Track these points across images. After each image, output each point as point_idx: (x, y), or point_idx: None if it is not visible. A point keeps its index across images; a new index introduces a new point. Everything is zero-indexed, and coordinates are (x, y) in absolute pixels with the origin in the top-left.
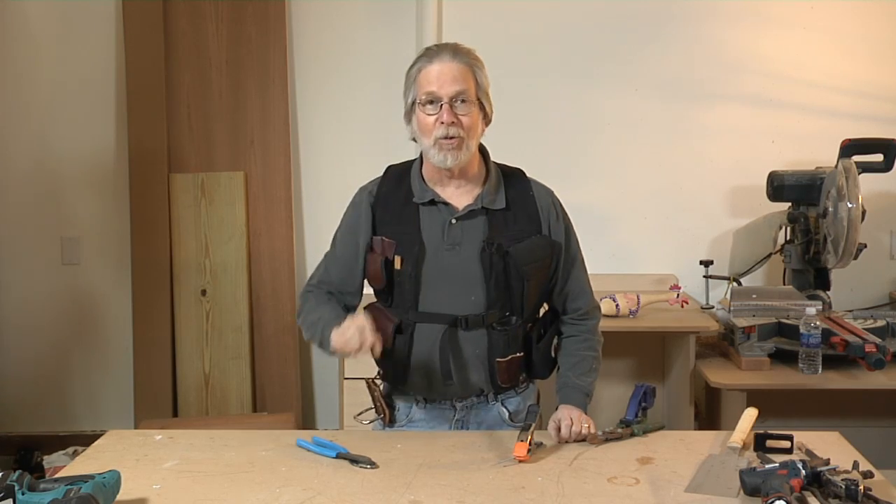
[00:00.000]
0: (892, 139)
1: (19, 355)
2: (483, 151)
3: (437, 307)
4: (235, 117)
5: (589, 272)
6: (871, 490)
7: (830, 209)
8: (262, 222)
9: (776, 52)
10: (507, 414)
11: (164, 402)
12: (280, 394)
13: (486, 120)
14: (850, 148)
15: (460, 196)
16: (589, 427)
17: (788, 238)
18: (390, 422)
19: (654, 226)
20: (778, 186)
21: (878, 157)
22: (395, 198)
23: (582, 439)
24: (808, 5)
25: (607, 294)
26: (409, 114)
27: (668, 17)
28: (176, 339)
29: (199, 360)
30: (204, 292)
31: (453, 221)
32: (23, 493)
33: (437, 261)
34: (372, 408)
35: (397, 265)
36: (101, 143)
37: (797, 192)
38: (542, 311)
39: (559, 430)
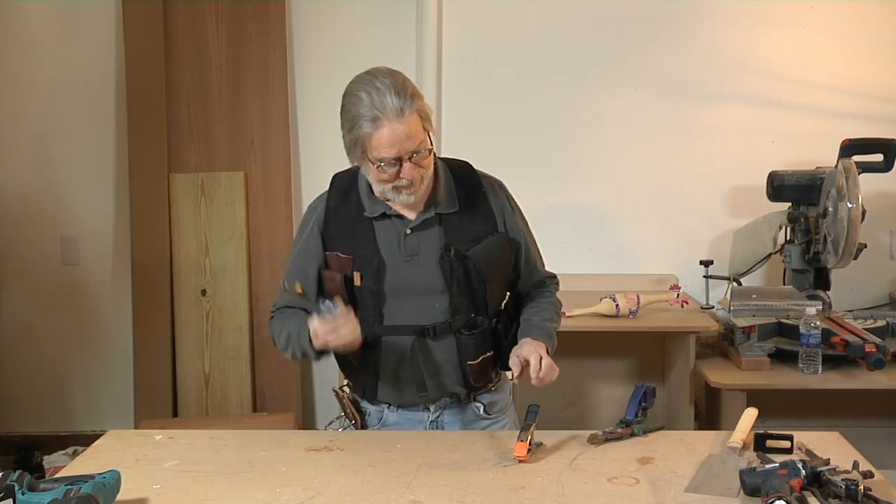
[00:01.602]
0: (892, 139)
1: (19, 355)
2: None
3: (403, 319)
4: (235, 117)
5: (589, 272)
6: (871, 490)
7: (830, 209)
8: (262, 222)
9: (776, 52)
10: (481, 408)
11: (164, 402)
12: (280, 394)
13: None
14: (850, 148)
15: (412, 204)
16: (552, 369)
17: (788, 238)
18: (362, 428)
19: (654, 226)
20: (778, 186)
21: (878, 157)
22: (345, 211)
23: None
24: (808, 5)
25: (607, 294)
26: (361, 160)
27: (668, 17)
28: (176, 339)
29: (199, 360)
30: (204, 292)
31: (408, 232)
32: (23, 493)
33: (396, 273)
34: (342, 415)
35: (357, 282)
36: (102, 142)
37: (797, 192)
38: (503, 303)
39: (526, 365)
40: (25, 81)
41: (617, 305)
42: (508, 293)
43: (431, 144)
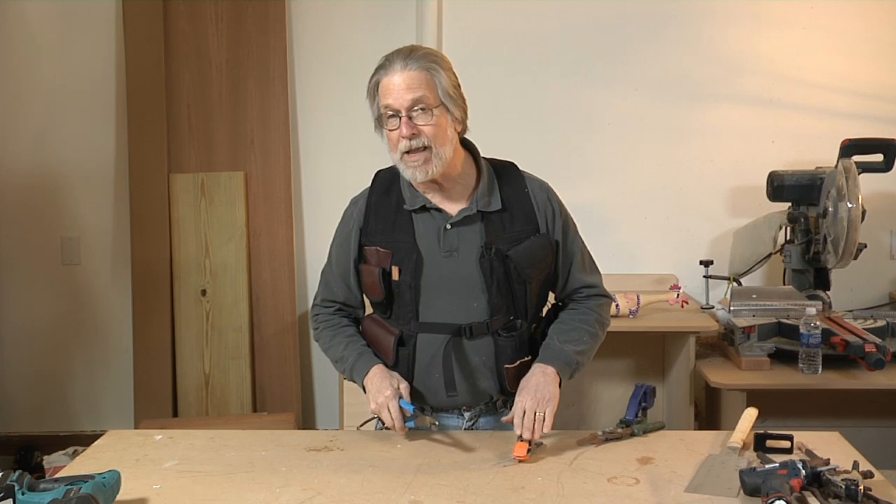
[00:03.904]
0: (892, 139)
1: (19, 355)
2: (472, 149)
3: (439, 317)
4: (235, 117)
5: None
6: (871, 490)
7: (830, 209)
8: (262, 222)
9: (776, 52)
10: None
11: (164, 402)
12: (280, 394)
13: (460, 122)
14: (850, 148)
15: (453, 200)
16: (544, 416)
17: (788, 238)
18: None
19: (654, 226)
20: (778, 186)
21: (878, 157)
22: (385, 206)
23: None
24: (808, 5)
25: None
26: (379, 129)
27: (668, 17)
28: (176, 339)
29: (199, 360)
30: (204, 292)
31: (448, 227)
32: (23, 493)
33: (435, 268)
34: (375, 416)
35: (395, 276)
36: (101, 143)
37: (797, 192)
38: (545, 310)
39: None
40: (25, 81)
41: (617, 305)
42: (550, 299)
43: (441, 113)
